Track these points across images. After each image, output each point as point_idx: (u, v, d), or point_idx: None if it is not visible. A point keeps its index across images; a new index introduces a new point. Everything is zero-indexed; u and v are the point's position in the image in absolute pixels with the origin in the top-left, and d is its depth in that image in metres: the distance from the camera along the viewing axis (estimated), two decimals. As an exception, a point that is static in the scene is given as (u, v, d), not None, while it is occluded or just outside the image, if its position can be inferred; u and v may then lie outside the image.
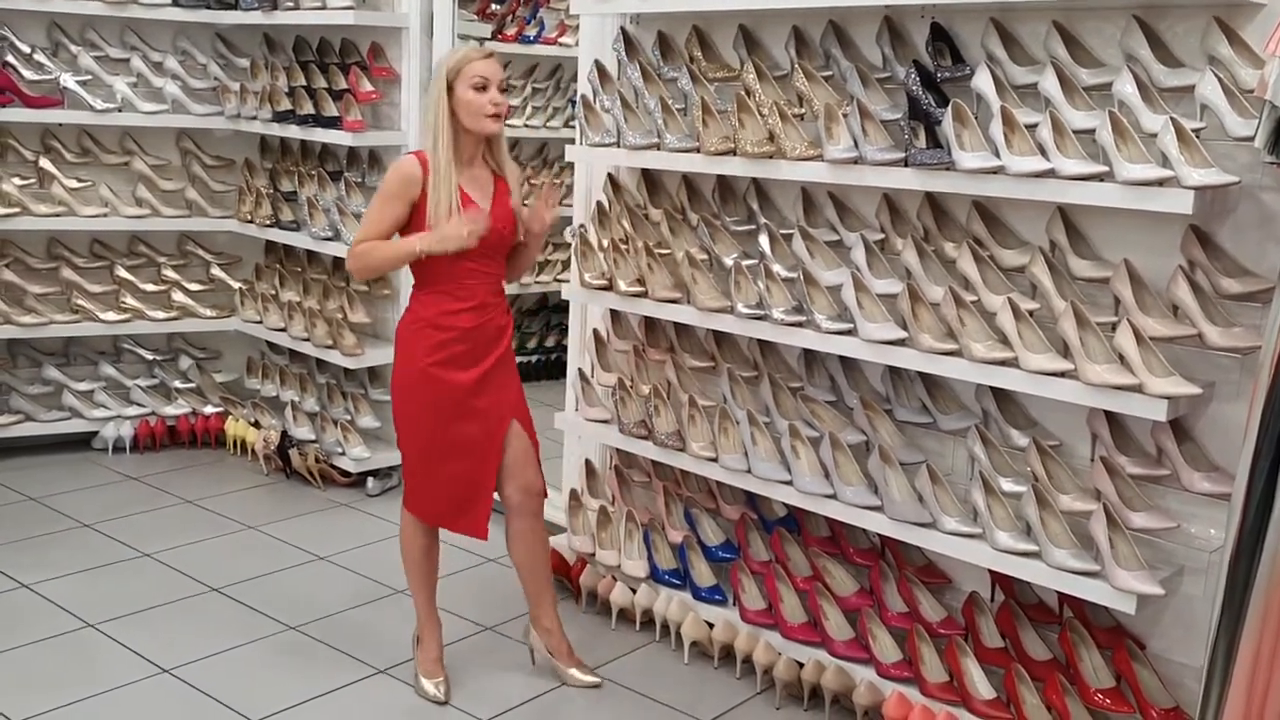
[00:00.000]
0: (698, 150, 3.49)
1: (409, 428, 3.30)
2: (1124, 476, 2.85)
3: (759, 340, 3.59)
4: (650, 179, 3.89)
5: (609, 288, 3.74)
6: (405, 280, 5.08)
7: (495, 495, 3.35)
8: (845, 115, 3.20)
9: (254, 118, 5.31)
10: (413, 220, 3.19)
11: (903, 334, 3.08)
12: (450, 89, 3.11)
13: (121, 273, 5.45)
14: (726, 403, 3.60)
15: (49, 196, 5.20)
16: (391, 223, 3.20)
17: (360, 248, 3.21)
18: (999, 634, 3.18)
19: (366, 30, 5.00)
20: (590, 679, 3.46)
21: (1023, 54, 3.05)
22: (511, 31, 6.00)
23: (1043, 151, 2.81)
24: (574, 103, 5.16)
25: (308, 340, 5.15)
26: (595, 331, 4.03)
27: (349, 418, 5.13)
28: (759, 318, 3.37)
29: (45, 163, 5.22)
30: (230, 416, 5.53)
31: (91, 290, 5.36)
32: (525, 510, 3.37)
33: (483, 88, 3.10)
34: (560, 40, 6.17)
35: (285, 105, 5.16)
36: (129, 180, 5.44)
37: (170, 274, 5.56)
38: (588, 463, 4.14)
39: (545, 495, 3.43)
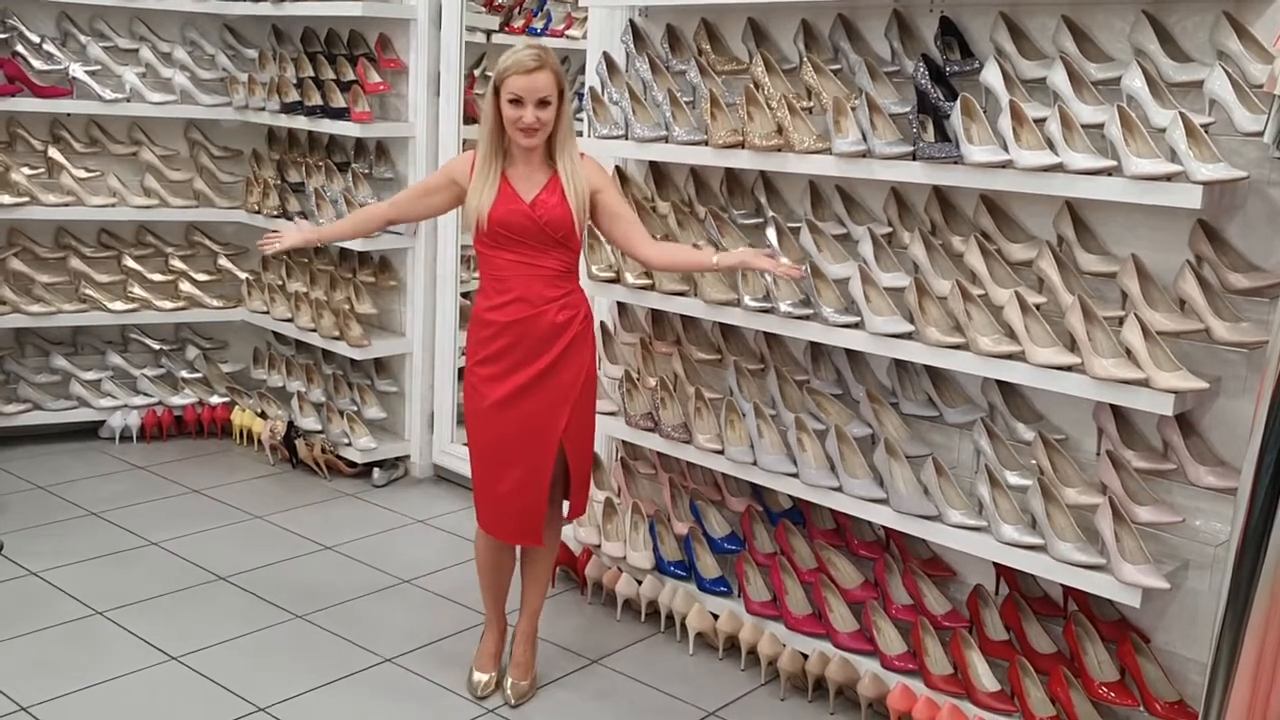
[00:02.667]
0: (706, 143, 3.50)
1: (476, 436, 3.24)
2: (1130, 471, 2.86)
3: (765, 333, 3.59)
4: (658, 171, 3.90)
5: (616, 280, 3.75)
6: (413, 272, 5.10)
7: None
8: (854, 109, 3.20)
9: (262, 109, 5.32)
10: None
11: (909, 327, 3.09)
12: (496, 92, 3.08)
13: (129, 262, 5.46)
14: (733, 395, 3.61)
15: (57, 186, 5.21)
16: (421, 191, 3.32)
17: (370, 205, 3.24)
18: (1004, 627, 3.19)
19: (374, 22, 5.01)
20: (508, 695, 3.33)
21: (1031, 48, 3.05)
22: (519, 24, 6.00)
23: (1051, 146, 2.82)
24: (581, 95, 5.16)
25: (314, 331, 5.17)
26: (602, 324, 4.04)
27: (355, 408, 5.14)
28: (766, 310, 3.38)
29: (54, 152, 5.23)
30: (236, 406, 5.54)
31: (99, 280, 5.37)
32: (550, 518, 3.34)
33: (518, 103, 3.04)
34: (567, 33, 6.16)
35: (293, 96, 5.17)
36: (137, 170, 5.46)
37: (178, 264, 5.57)
38: (594, 454, 4.15)
39: (581, 514, 3.41)
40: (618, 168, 3.94)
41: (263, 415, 5.43)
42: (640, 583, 3.82)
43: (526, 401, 3.14)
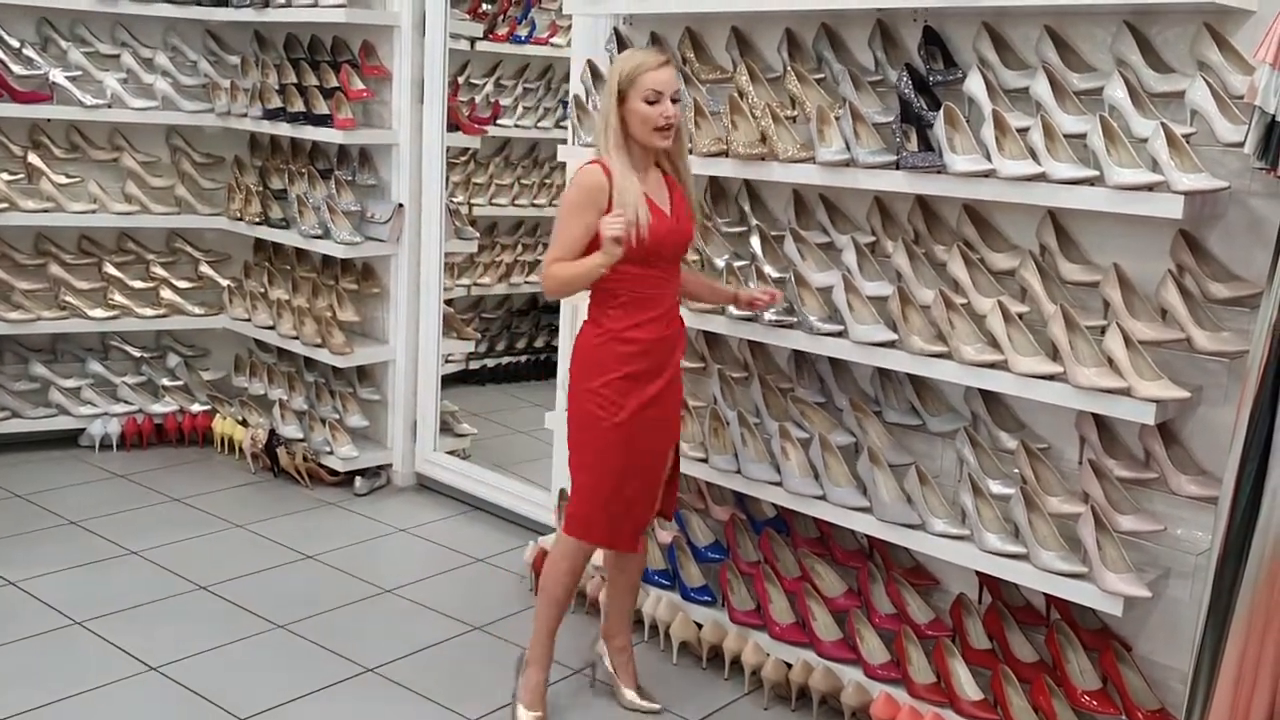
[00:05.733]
0: (690, 151, 3.49)
1: (597, 451, 3.10)
2: (1112, 480, 2.87)
3: (749, 341, 3.59)
4: (642, 180, 3.89)
5: (600, 288, 3.74)
6: (396, 279, 5.08)
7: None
8: (837, 118, 3.21)
9: (244, 115, 5.30)
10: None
11: (893, 336, 3.09)
12: (623, 97, 2.96)
13: (110, 269, 5.42)
14: (717, 403, 3.61)
15: (37, 192, 5.18)
16: (583, 233, 2.98)
17: (553, 269, 3.02)
18: (986, 635, 3.19)
19: (358, 28, 4.99)
20: (649, 704, 3.36)
21: (1014, 58, 3.06)
22: (503, 31, 6.01)
23: (1034, 155, 2.83)
24: (565, 103, 5.15)
25: (296, 338, 5.14)
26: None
27: (337, 416, 5.12)
28: (750, 319, 3.38)
29: (34, 158, 5.19)
30: (218, 414, 5.51)
31: (79, 287, 5.34)
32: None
33: (656, 100, 2.95)
34: (551, 40, 6.18)
35: (276, 103, 5.15)
36: (118, 176, 5.42)
37: (159, 271, 5.53)
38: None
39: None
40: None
41: (244, 423, 5.40)
42: (623, 591, 3.80)
43: (656, 410, 3.10)
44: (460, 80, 6.00)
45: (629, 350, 3.04)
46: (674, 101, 2.99)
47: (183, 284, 5.57)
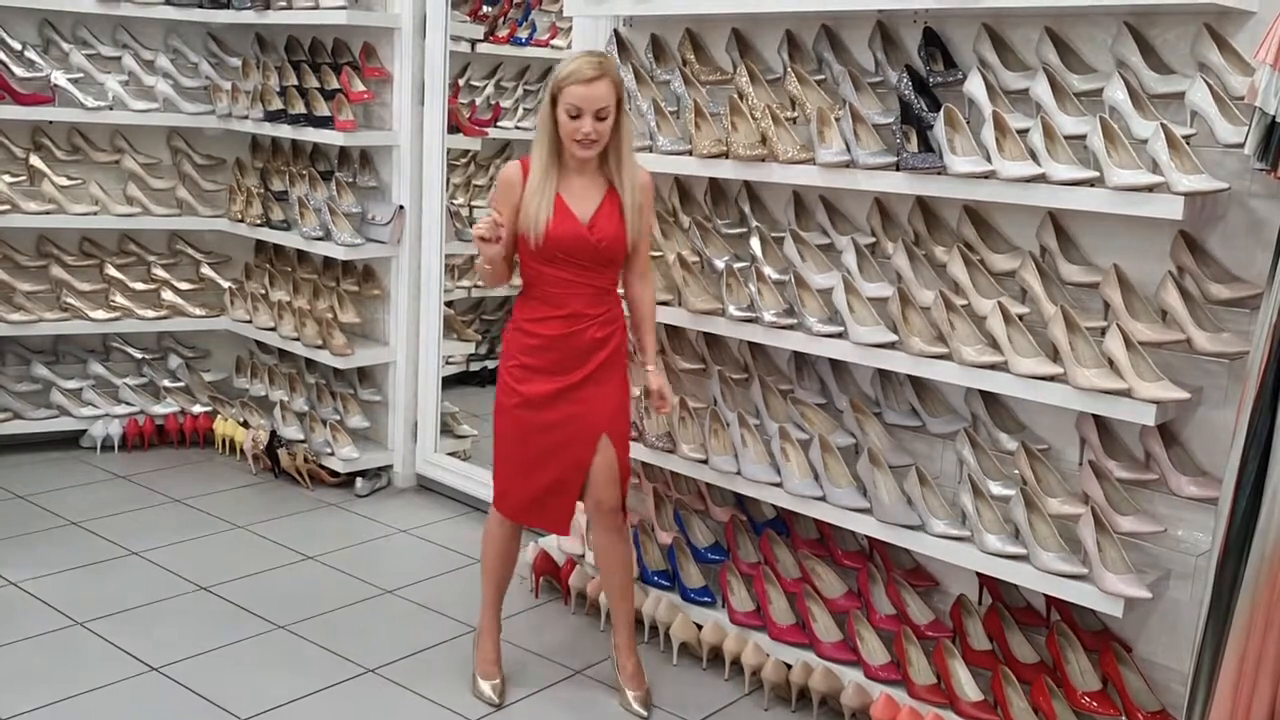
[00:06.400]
0: (690, 153, 3.50)
1: (501, 428, 3.28)
2: (1112, 481, 2.87)
3: (749, 342, 3.60)
4: (642, 181, 3.89)
5: (600, 289, 3.74)
6: (397, 280, 5.10)
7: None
8: (837, 119, 3.21)
9: (245, 117, 5.30)
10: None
11: (893, 337, 3.09)
12: (554, 100, 3.01)
13: (111, 271, 5.43)
14: (717, 405, 3.61)
15: (39, 194, 5.18)
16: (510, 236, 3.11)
17: (479, 257, 3.20)
18: (986, 636, 3.19)
19: (359, 30, 5.00)
20: (638, 710, 3.33)
21: (1014, 59, 3.06)
22: (503, 33, 6.01)
23: (1034, 156, 2.83)
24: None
25: (297, 340, 5.15)
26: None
27: (338, 418, 5.12)
28: (750, 320, 3.38)
29: (35, 160, 5.20)
30: (219, 416, 5.52)
31: (81, 288, 5.34)
32: (600, 525, 3.34)
33: (577, 115, 2.99)
34: (552, 42, 6.18)
35: (277, 105, 5.15)
36: (119, 178, 5.43)
37: (160, 273, 5.54)
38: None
39: (623, 513, 3.36)
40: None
41: (245, 424, 5.40)
42: (624, 593, 3.80)
43: (564, 406, 3.18)
44: (461, 82, 5.99)
45: (530, 343, 3.18)
46: (601, 120, 3.00)
47: (184, 285, 5.57)
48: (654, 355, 3.36)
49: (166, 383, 5.59)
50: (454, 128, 5.14)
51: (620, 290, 3.32)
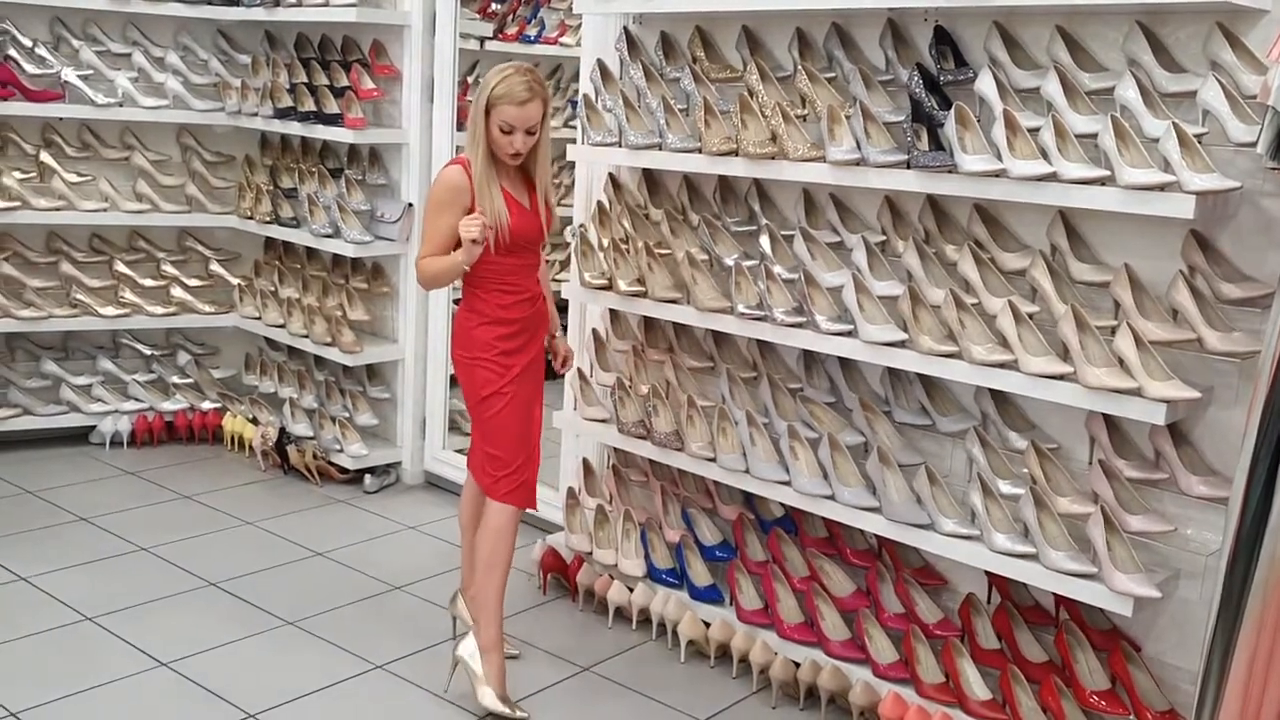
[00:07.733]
0: (699, 150, 3.50)
1: (502, 421, 3.30)
2: (1122, 480, 2.87)
3: (758, 341, 3.60)
4: (651, 179, 3.90)
5: (609, 287, 3.75)
6: (406, 278, 5.10)
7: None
8: (848, 117, 3.21)
9: (255, 114, 5.31)
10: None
11: (903, 336, 3.09)
12: (488, 111, 3.11)
13: (121, 268, 5.44)
14: (725, 403, 3.61)
15: (49, 190, 5.20)
16: (449, 230, 3.17)
17: (422, 264, 3.26)
18: (995, 635, 3.19)
19: (369, 28, 5.00)
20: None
21: (1025, 58, 3.06)
22: (512, 31, 6.01)
23: (1045, 155, 2.82)
24: (574, 103, 5.15)
25: (306, 337, 5.16)
26: (594, 331, 4.04)
27: (347, 415, 5.13)
28: (759, 318, 3.38)
29: (46, 157, 5.21)
30: (228, 412, 5.53)
31: (90, 285, 5.36)
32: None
33: (509, 131, 3.11)
34: (560, 40, 6.18)
35: (286, 102, 5.16)
36: (129, 175, 5.44)
37: (169, 269, 5.55)
38: (585, 462, 4.15)
39: None
40: (610, 175, 3.94)
41: (254, 421, 5.41)
42: (632, 590, 3.81)
43: (533, 373, 3.37)
44: (470, 80, 5.99)
45: (505, 330, 3.28)
46: (529, 134, 3.14)
47: (193, 282, 5.58)
48: (559, 324, 3.59)
49: (176, 379, 5.60)
50: (463, 125, 5.13)
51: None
